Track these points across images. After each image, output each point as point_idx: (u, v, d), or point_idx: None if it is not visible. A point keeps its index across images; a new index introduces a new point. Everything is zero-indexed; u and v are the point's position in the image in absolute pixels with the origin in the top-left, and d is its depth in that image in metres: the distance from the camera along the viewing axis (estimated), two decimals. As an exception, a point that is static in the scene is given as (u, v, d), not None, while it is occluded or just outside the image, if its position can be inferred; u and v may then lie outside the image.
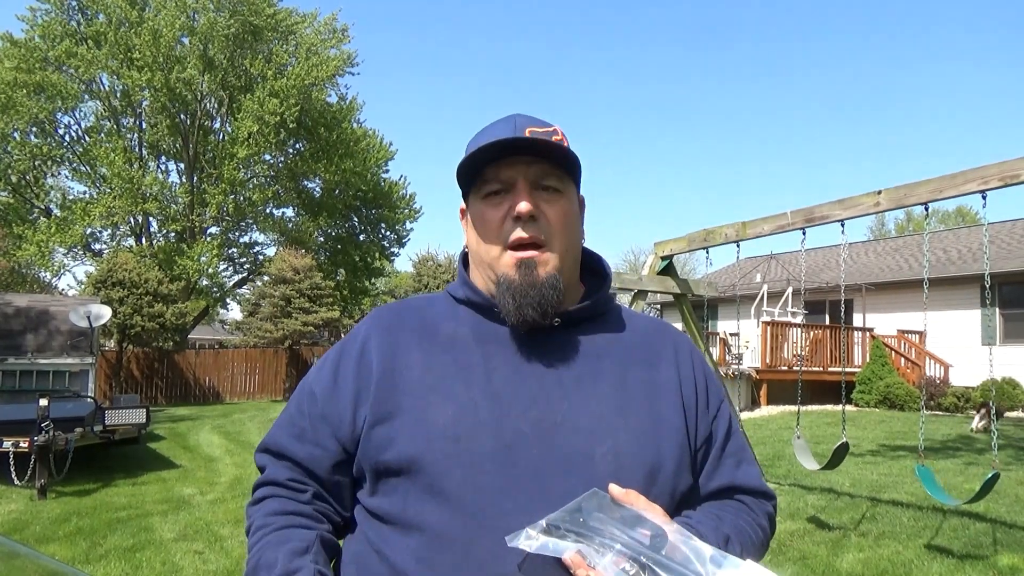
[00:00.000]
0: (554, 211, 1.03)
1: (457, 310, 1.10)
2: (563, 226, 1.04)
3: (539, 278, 1.01)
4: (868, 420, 12.54)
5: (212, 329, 41.15)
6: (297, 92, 21.76)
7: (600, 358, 1.06)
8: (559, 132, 1.07)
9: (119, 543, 5.18)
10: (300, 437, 1.06)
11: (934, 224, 37.42)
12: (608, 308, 1.13)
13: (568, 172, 1.06)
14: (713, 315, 20.81)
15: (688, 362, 1.12)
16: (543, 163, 1.03)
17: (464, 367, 1.02)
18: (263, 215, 24.76)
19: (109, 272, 16.92)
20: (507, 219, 1.02)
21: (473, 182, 1.07)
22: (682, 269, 10.23)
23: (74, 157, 22.87)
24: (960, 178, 4.52)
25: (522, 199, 1.01)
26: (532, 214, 1.01)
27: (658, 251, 6.88)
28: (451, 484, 0.94)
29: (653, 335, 1.14)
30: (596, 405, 1.00)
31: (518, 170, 1.03)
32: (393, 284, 35.81)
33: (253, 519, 1.05)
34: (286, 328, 19.91)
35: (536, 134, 1.03)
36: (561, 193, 1.05)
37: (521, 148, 1.02)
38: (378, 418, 1.00)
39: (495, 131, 1.05)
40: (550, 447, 0.96)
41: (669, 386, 1.07)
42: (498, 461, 0.95)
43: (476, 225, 1.07)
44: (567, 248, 1.05)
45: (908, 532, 5.24)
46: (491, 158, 1.02)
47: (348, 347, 1.10)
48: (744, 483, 1.09)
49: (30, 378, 9.85)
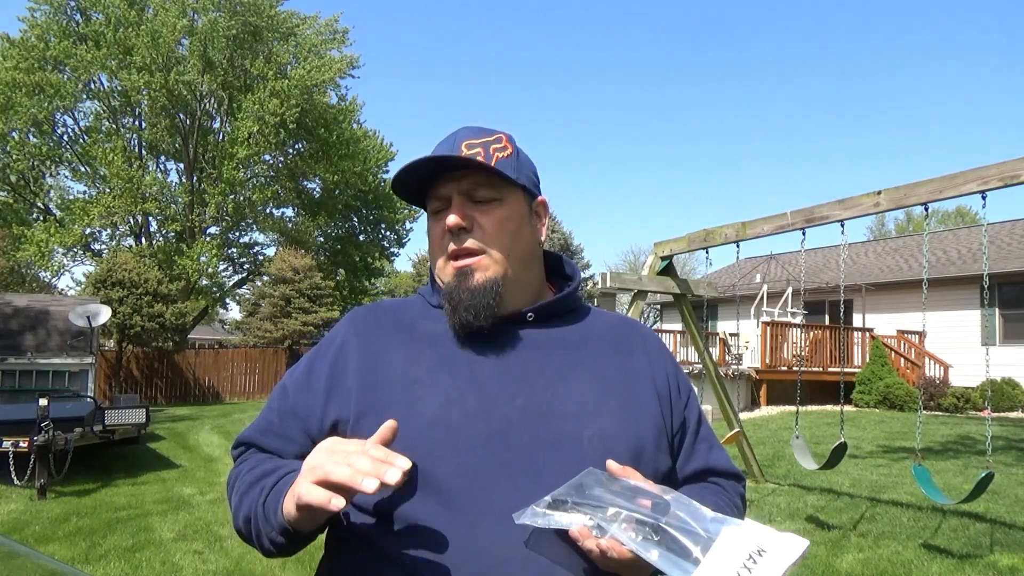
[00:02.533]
0: (488, 220, 1.07)
1: (433, 311, 1.14)
2: (500, 232, 1.07)
3: (474, 283, 1.05)
4: (868, 420, 12.54)
5: (212, 329, 41.18)
6: (299, 93, 21.76)
7: (577, 350, 1.10)
8: (503, 139, 1.10)
9: (119, 543, 5.18)
10: (267, 431, 1.10)
11: (934, 224, 37.44)
12: (579, 306, 1.19)
13: (507, 180, 1.09)
14: (713, 315, 20.82)
15: (658, 354, 1.18)
16: (474, 175, 1.07)
17: (447, 360, 1.05)
18: (263, 215, 24.75)
19: (109, 272, 16.91)
20: (446, 233, 1.07)
21: (426, 200, 1.13)
22: (682, 269, 10.24)
23: (73, 157, 22.87)
24: (960, 178, 4.52)
25: (451, 213, 1.06)
26: (462, 226, 1.05)
27: (658, 251, 6.88)
28: (445, 471, 0.95)
29: (623, 328, 1.20)
30: (579, 392, 1.04)
31: (451, 186, 1.08)
32: (393, 284, 35.83)
33: (239, 470, 1.09)
34: (286, 328, 19.91)
35: (472, 146, 1.07)
36: (499, 201, 1.08)
37: (451, 164, 1.06)
38: (363, 412, 1.01)
39: (437, 150, 1.11)
40: (539, 432, 0.99)
41: (643, 374, 1.13)
42: (490, 446, 0.97)
43: (428, 240, 1.14)
44: (508, 252, 1.08)
45: (907, 532, 5.24)
46: (429, 176, 1.08)
47: (324, 347, 1.13)
48: (717, 465, 1.16)
49: (30, 378, 9.84)
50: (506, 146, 1.10)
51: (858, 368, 15.78)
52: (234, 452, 1.15)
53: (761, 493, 6.49)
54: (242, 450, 1.13)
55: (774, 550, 0.83)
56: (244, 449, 1.13)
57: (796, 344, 15.74)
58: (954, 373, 15.90)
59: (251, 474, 1.04)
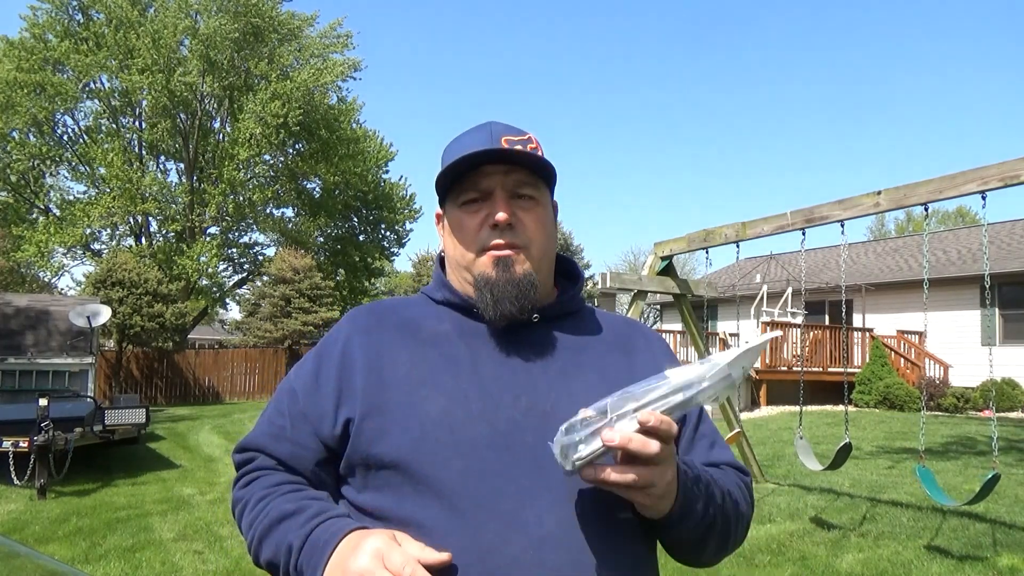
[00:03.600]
0: (530, 218, 1.07)
1: (437, 310, 1.13)
2: (539, 232, 1.08)
3: (516, 274, 1.04)
4: (868, 420, 12.54)
5: (212, 329, 41.16)
6: (301, 96, 21.74)
7: (580, 350, 1.10)
8: (533, 140, 1.11)
9: (119, 543, 5.18)
10: (279, 436, 1.06)
11: (934, 224, 37.43)
12: (582, 307, 1.19)
13: (543, 180, 1.10)
14: (713, 315, 20.81)
15: (661, 353, 1.18)
16: (519, 172, 1.07)
17: (451, 360, 1.04)
18: (263, 215, 24.75)
19: (108, 272, 16.91)
20: (484, 226, 1.06)
21: (450, 189, 1.10)
22: (682, 269, 10.23)
23: (73, 157, 22.86)
24: (960, 178, 4.52)
25: (500, 208, 1.05)
26: (509, 223, 1.05)
27: (658, 251, 6.88)
28: (450, 473, 0.95)
29: (626, 328, 1.20)
30: (582, 392, 1.03)
31: (495, 180, 1.06)
32: (393, 284, 35.82)
33: (251, 491, 1.04)
34: (286, 328, 19.91)
35: (512, 143, 1.07)
36: (537, 201, 1.09)
37: (498, 158, 1.05)
38: (368, 413, 1.00)
39: (471, 139, 1.09)
40: (543, 433, 0.98)
41: (646, 372, 1.10)
42: (495, 448, 0.96)
43: (454, 231, 1.10)
44: (543, 252, 1.09)
45: (908, 532, 5.24)
46: (469, 167, 1.06)
47: (329, 347, 1.10)
48: (719, 460, 1.13)
49: (30, 378, 9.83)
50: (538, 147, 1.10)
51: (858, 368, 15.79)
52: (238, 457, 1.11)
53: (761, 493, 6.49)
54: (249, 456, 1.09)
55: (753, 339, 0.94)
56: (252, 456, 1.09)
57: (796, 344, 15.75)
58: (954, 373, 15.90)
59: (269, 511, 0.99)
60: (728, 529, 1.05)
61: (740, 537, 1.10)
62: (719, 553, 1.08)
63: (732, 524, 1.05)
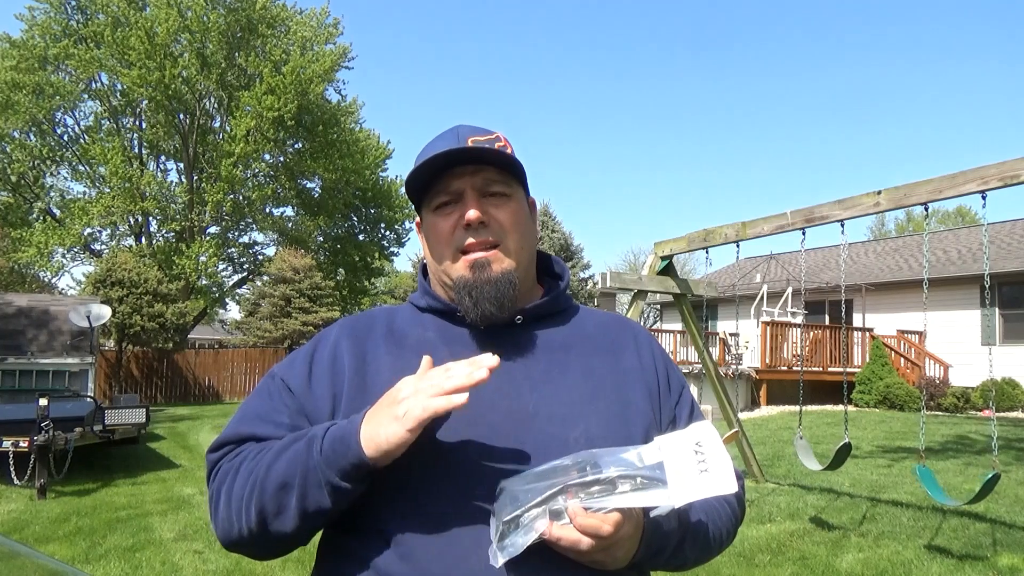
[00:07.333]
0: (503, 214, 1.06)
1: (422, 318, 1.13)
2: (513, 227, 1.07)
3: (494, 274, 1.04)
4: (868, 420, 12.54)
5: (212, 329, 41.14)
6: (294, 87, 21.72)
7: (565, 351, 1.09)
8: (502, 139, 1.11)
9: (119, 543, 5.18)
10: (278, 424, 1.03)
11: (934, 224, 37.44)
12: (568, 305, 1.17)
13: (514, 176, 1.09)
14: (713, 315, 20.81)
15: (648, 351, 1.16)
16: (488, 171, 1.06)
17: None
18: (262, 214, 24.76)
19: (108, 272, 16.92)
20: (457, 228, 1.05)
21: (424, 196, 1.10)
22: (682, 269, 10.24)
23: (73, 157, 22.87)
24: (960, 178, 4.52)
25: (470, 207, 1.04)
26: (481, 220, 1.04)
27: (658, 251, 6.88)
28: (431, 478, 0.95)
29: (614, 326, 1.19)
30: (566, 394, 1.03)
31: (465, 180, 1.06)
32: (393, 284, 35.81)
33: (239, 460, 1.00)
34: (286, 328, 19.91)
35: (479, 143, 1.06)
36: (509, 197, 1.08)
37: (465, 158, 1.05)
38: (349, 415, 0.99)
39: (439, 143, 1.09)
40: (525, 437, 0.98)
41: (633, 373, 1.11)
42: (476, 453, 0.96)
43: (430, 236, 1.10)
44: (520, 247, 1.08)
45: (908, 532, 5.23)
46: (437, 170, 1.06)
47: (321, 347, 1.10)
48: None
49: (30, 378, 9.84)
50: (506, 144, 1.10)
51: (858, 368, 15.79)
52: (214, 456, 1.05)
53: (761, 493, 6.49)
54: (229, 448, 1.04)
55: (705, 439, 0.88)
56: (232, 448, 1.03)
57: (796, 344, 15.75)
58: (954, 373, 15.89)
59: (266, 452, 0.96)
60: (707, 548, 1.06)
61: (725, 544, 1.11)
62: (700, 563, 1.09)
63: (711, 544, 1.06)
